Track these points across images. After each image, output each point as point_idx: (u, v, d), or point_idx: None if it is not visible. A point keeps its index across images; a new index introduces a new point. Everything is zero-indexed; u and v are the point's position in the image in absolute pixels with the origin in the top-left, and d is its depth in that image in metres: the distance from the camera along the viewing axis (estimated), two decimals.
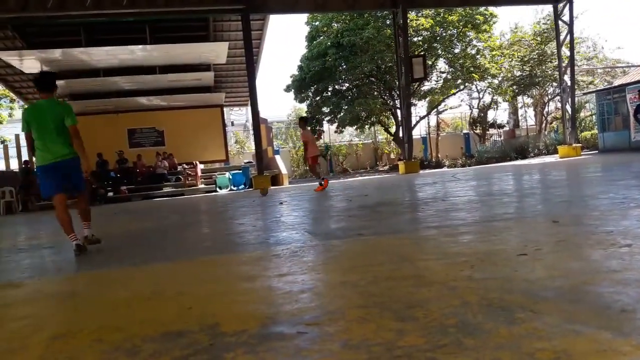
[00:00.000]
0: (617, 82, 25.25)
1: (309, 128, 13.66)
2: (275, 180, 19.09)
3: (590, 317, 1.94)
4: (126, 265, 4.22)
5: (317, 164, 12.62)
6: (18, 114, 30.91)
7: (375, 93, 26.75)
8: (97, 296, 3.21)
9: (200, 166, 20.30)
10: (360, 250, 3.93)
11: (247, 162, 22.08)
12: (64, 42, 18.08)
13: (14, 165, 23.77)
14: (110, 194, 18.54)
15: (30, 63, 19.02)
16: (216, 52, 19.47)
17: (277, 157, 21.93)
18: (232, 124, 36.57)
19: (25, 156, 20.46)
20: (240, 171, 19.98)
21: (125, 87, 20.90)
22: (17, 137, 21.21)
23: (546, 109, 30.26)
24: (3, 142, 27.61)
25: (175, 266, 4.00)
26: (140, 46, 18.36)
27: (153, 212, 11.25)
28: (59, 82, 19.37)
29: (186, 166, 19.98)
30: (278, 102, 59.92)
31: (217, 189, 19.05)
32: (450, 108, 31.20)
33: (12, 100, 27.73)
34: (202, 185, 19.15)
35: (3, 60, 19.00)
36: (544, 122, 30.33)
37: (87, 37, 18.51)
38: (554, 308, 2.08)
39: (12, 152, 24.23)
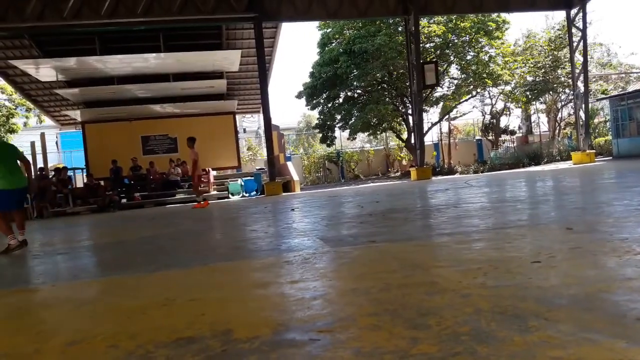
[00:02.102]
0: (631, 88, 25.03)
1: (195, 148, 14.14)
2: (287, 186, 19.13)
3: (605, 325, 1.92)
4: (140, 272, 4.25)
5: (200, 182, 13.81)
6: (33, 122, 31.37)
7: (387, 99, 26.76)
8: (111, 303, 3.24)
9: (213, 173, 20.42)
10: (372, 257, 3.92)
11: (259, 169, 22.16)
12: (79, 51, 18.33)
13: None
14: (124, 200, 18.71)
15: (46, 71, 19.31)
16: (229, 59, 19.62)
17: (289, 164, 21.99)
18: (245, 130, 36.79)
19: (40, 163, 20.76)
20: (252, 178, 20.07)
21: (139, 95, 21.12)
22: (32, 144, 21.51)
23: (559, 115, 30.03)
24: None
25: (189, 273, 4.03)
26: (154, 54, 18.56)
27: (166, 218, 11.33)
28: (74, 90, 19.69)
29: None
30: (289, 109, 60.26)
31: (230, 196, 19.13)
32: (462, 115, 31.12)
33: (28, 109, 28.12)
34: (215, 192, 19.24)
35: (20, 68, 19.31)
36: (557, 128, 30.10)
37: (102, 46, 18.76)
38: (568, 316, 2.06)
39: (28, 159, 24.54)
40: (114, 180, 19.63)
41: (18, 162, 6.80)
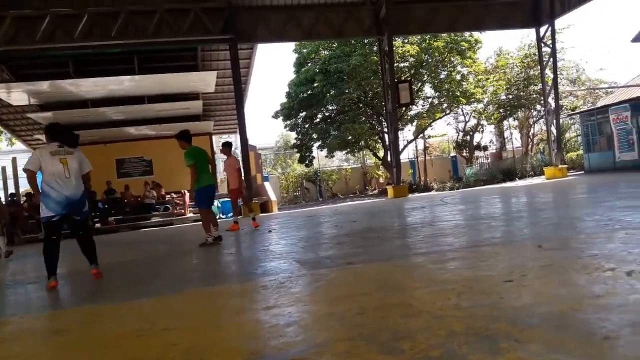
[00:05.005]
0: (600, 103, 25.74)
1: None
2: (265, 207, 19.04)
3: (574, 344, 1.95)
4: (113, 301, 4.17)
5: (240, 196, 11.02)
6: (4, 147, 30.76)
7: (363, 118, 27.00)
8: (83, 333, 3.16)
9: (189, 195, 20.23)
10: (348, 280, 3.92)
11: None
12: (52, 74, 18.07)
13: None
14: (98, 225, 18.34)
15: (18, 95, 18.96)
16: (205, 81, 19.58)
17: (267, 184, 21.92)
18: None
19: (11, 188, 20.29)
20: (229, 199, 19.93)
21: (114, 117, 20.87)
22: (3, 169, 21.05)
23: (532, 131, 30.68)
24: None
25: (163, 300, 3.96)
26: (128, 77, 18.41)
27: (141, 243, 11.15)
28: (47, 114, 19.38)
29: (174, 195, 19.88)
30: (267, 129, 60.18)
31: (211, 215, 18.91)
32: (435, 136, 31.56)
33: None
34: (191, 214, 19.04)
35: None
36: (530, 143, 30.71)
37: (75, 69, 18.54)
38: (539, 336, 2.09)
39: None
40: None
41: None
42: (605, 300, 2.49)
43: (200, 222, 8.26)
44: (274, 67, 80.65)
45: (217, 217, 18.83)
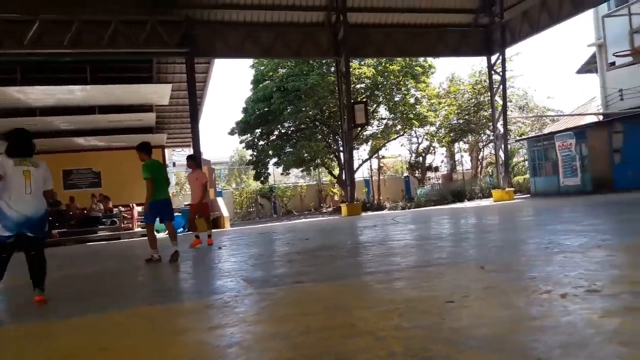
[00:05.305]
0: (546, 130, 26.91)
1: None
2: (217, 222, 18.76)
3: None
4: (49, 319, 3.98)
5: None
6: None
7: (319, 136, 27.22)
8: (15, 354, 3.00)
9: (138, 209, 19.67)
10: (295, 299, 3.90)
11: (187, 205, 21.60)
12: None
13: None
14: None
15: None
16: (159, 93, 19.26)
17: (219, 199, 21.61)
18: (174, 164, 35.91)
19: None
20: (180, 214, 19.50)
21: (62, 127, 20.17)
22: None
23: (481, 154, 31.68)
24: None
25: (104, 318, 3.82)
26: (79, 86, 17.87)
27: (86, 257, 10.75)
28: None
29: (122, 209, 19.32)
30: (222, 143, 59.60)
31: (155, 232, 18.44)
32: (389, 158, 32.12)
33: None
34: (139, 229, 18.52)
35: None
36: (479, 166, 31.69)
37: (23, 76, 17.87)
38: (477, 358, 2.14)
39: None
40: None
41: None
42: (540, 322, 2.58)
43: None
44: (231, 82, 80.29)
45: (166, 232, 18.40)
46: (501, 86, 20.77)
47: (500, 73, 20.56)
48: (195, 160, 10.50)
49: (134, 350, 2.79)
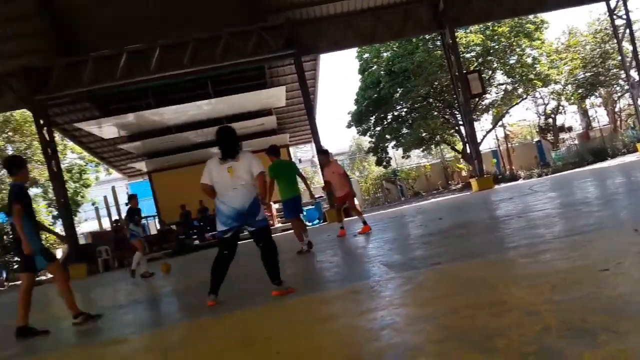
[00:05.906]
0: None
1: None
2: (347, 211, 19.20)
3: None
4: (217, 315, 4.42)
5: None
6: (102, 177, 33.28)
7: (435, 113, 26.53)
8: (193, 346, 3.42)
9: (275, 206, 20.85)
10: (437, 280, 3.94)
11: (319, 197, 22.36)
12: (136, 107, 19.42)
13: (105, 224, 25.55)
14: (197, 242, 19.64)
15: (108, 129, 20.59)
16: (275, 96, 20.20)
17: None
18: (300, 161, 37.38)
19: (115, 215, 21.90)
20: (313, 207, 20.26)
21: (197, 140, 22.04)
22: (105, 198, 22.78)
23: (618, 107, 28.65)
24: (94, 204, 29.62)
25: (260, 310, 4.19)
26: (205, 101, 19.40)
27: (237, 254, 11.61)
28: (136, 144, 20.80)
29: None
30: (339, 134, 60.65)
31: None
32: (515, 124, 30.23)
33: (97, 164, 29.84)
34: (280, 225, 19.63)
35: (85, 129, 20.71)
36: (618, 120, 28.67)
37: (156, 99, 19.76)
38: (638, 326, 2.04)
39: (102, 212, 26.19)
40: (184, 224, 20.62)
41: None
42: None
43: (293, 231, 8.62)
44: (340, 71, 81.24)
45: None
46: (627, 30, 18.68)
47: (624, 17, 18.51)
48: (326, 154, 10.63)
49: (294, 337, 3.05)
